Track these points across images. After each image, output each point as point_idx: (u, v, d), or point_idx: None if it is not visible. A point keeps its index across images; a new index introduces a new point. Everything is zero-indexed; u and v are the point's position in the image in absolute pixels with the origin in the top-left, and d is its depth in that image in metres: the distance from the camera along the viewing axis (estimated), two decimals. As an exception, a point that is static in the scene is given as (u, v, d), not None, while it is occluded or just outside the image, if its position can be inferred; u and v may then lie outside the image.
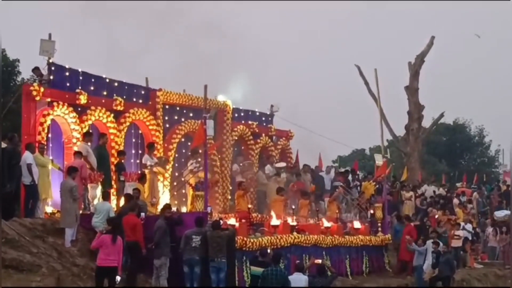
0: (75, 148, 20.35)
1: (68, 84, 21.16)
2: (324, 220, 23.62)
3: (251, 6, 73.57)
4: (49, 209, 19.50)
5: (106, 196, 19.30)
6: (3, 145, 18.22)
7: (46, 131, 20.01)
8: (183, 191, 23.01)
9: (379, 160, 27.60)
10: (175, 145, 23.95)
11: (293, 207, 23.28)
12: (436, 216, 29.27)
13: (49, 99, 20.29)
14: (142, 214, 18.78)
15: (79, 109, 21.09)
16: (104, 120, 21.68)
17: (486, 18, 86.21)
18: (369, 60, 53.03)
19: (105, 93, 22.25)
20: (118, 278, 16.59)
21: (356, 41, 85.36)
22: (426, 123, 43.17)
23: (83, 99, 21.05)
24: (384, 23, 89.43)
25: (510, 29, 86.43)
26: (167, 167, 23.03)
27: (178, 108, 24.63)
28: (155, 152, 22.54)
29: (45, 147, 19.70)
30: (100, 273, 16.27)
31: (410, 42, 58.75)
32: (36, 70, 20.91)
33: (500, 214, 31.40)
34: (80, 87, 21.24)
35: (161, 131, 23.51)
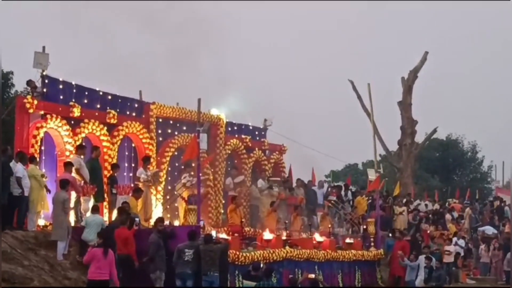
0: (70, 157, 20.30)
1: (61, 97, 21.15)
2: (316, 234, 23.63)
3: (243, 13, 73.73)
4: (41, 222, 19.43)
5: (95, 210, 19.25)
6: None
7: (39, 143, 19.98)
8: (175, 204, 22.99)
9: (372, 175, 27.71)
10: (168, 158, 23.92)
11: (286, 221, 23.28)
12: (429, 232, 29.30)
13: (42, 112, 20.26)
14: (137, 219, 18.76)
15: (73, 122, 21.05)
16: (98, 133, 21.65)
17: (478, 33, 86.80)
18: (363, 75, 53.39)
19: (98, 106, 22.23)
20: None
21: (349, 55, 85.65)
22: (419, 138, 43.38)
23: (76, 112, 21.04)
24: (378, 38, 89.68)
25: (501, 44, 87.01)
26: (160, 180, 23.00)
27: (171, 122, 24.62)
28: (149, 166, 22.52)
29: (37, 159, 19.64)
30: (91, 287, 16.20)
31: (404, 57, 59.00)
32: (30, 82, 20.89)
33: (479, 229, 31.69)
34: (73, 100, 21.24)
35: (154, 145, 23.48)
